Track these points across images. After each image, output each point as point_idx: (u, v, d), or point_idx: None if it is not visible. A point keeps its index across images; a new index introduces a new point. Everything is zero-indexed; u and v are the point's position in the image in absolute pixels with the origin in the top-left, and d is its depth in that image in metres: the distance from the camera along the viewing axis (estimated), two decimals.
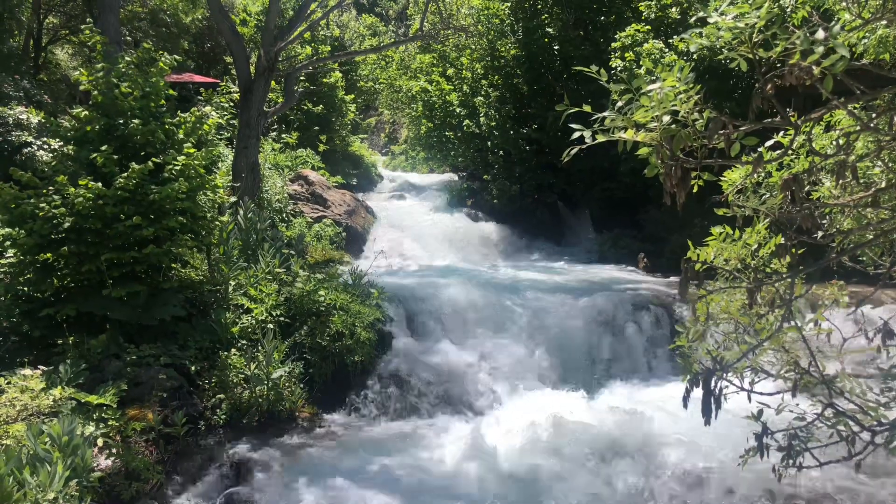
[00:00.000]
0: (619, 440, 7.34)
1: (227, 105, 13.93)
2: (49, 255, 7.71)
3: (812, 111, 3.09)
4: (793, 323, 3.43)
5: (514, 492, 6.66)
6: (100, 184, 7.63)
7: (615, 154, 3.24)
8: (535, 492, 6.62)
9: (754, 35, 2.67)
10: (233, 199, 11.04)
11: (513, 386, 9.55)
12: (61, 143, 9.02)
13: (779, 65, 2.77)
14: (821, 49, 2.37)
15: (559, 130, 18.48)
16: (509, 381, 9.67)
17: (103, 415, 6.40)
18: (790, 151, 3.35)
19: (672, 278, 13.78)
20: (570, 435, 7.45)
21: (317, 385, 8.64)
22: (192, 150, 8.56)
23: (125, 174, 7.65)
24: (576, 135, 2.87)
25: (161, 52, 9.70)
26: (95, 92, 8.41)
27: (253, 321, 8.78)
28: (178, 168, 8.22)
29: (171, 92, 9.12)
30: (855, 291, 4.61)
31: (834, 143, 3.56)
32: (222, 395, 7.74)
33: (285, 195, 14.97)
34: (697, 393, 3.49)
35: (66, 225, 7.51)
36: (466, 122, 20.95)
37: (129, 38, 21.89)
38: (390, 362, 9.43)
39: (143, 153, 8.29)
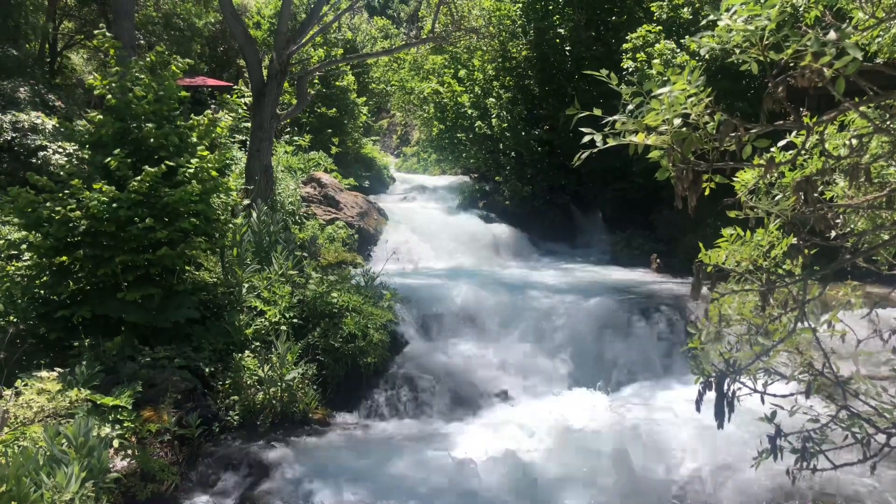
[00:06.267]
0: (632, 443, 7.31)
1: (241, 108, 14.03)
2: (65, 258, 7.79)
3: (825, 111, 3.07)
4: (806, 324, 3.41)
5: (526, 494, 6.65)
6: (114, 187, 7.70)
7: (627, 155, 3.22)
8: (546, 494, 6.61)
9: (765, 37, 2.66)
10: (246, 201, 11.11)
11: (525, 387, 9.55)
12: (76, 147, 9.11)
13: (791, 65, 2.76)
14: (832, 51, 2.36)
15: (571, 131, 18.40)
16: (521, 382, 9.67)
17: (119, 416, 6.45)
18: (803, 152, 3.33)
19: (685, 279, 13.72)
20: (582, 437, 7.44)
21: (330, 386, 8.67)
22: (205, 153, 8.62)
23: (139, 177, 7.71)
24: (587, 138, 2.87)
25: (174, 55, 9.77)
26: (109, 96, 8.48)
27: (266, 323, 8.82)
28: (191, 171, 8.28)
29: (184, 95, 9.19)
30: (870, 292, 4.58)
31: (847, 143, 3.54)
32: (236, 397, 7.79)
33: (298, 197, 15.03)
34: (710, 395, 3.47)
35: (82, 228, 7.59)
36: (478, 123, 20.95)
37: (142, 41, 22.06)
38: (403, 364, 9.44)
39: (156, 156, 8.35)
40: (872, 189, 3.64)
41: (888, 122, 3.22)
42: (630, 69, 16.19)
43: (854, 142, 3.44)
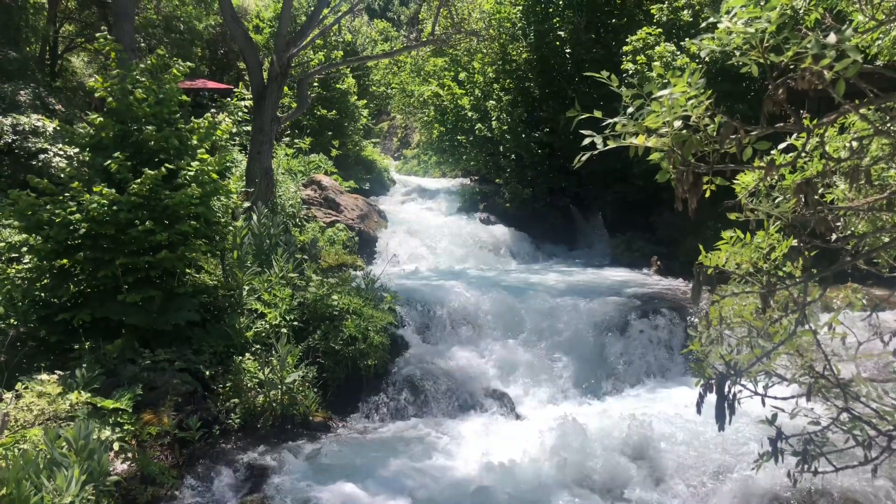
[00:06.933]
0: (632, 446, 7.30)
1: (242, 110, 14.07)
2: (65, 260, 7.79)
3: (825, 114, 3.08)
4: (807, 327, 3.41)
5: (526, 497, 6.64)
6: (114, 190, 7.71)
7: (627, 157, 3.24)
8: (546, 497, 6.60)
9: (765, 39, 2.66)
10: (246, 204, 11.11)
11: (525, 390, 9.55)
12: (77, 150, 9.11)
13: (791, 67, 2.76)
14: (832, 53, 2.36)
15: (571, 134, 18.38)
16: (522, 385, 9.67)
17: (119, 419, 6.45)
18: (803, 154, 3.33)
19: (686, 281, 13.72)
20: (582, 441, 7.43)
21: (330, 389, 8.67)
22: (205, 156, 8.62)
23: (139, 180, 7.72)
24: (587, 141, 2.87)
25: (175, 58, 9.78)
26: (110, 98, 8.49)
27: (267, 326, 8.82)
28: (191, 174, 8.28)
29: (184, 98, 9.19)
30: (871, 295, 4.57)
31: (847, 145, 3.53)
32: (236, 400, 7.78)
33: (298, 200, 15.04)
34: (711, 398, 3.47)
35: (82, 231, 7.59)
36: (478, 125, 20.96)
37: (143, 44, 22.09)
38: (403, 366, 9.44)
39: (156, 159, 8.36)
40: (873, 191, 3.64)
41: (888, 125, 3.22)
42: (630, 71, 16.20)
43: (854, 144, 3.44)
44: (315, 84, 23.36)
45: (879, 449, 3.34)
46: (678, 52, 15.59)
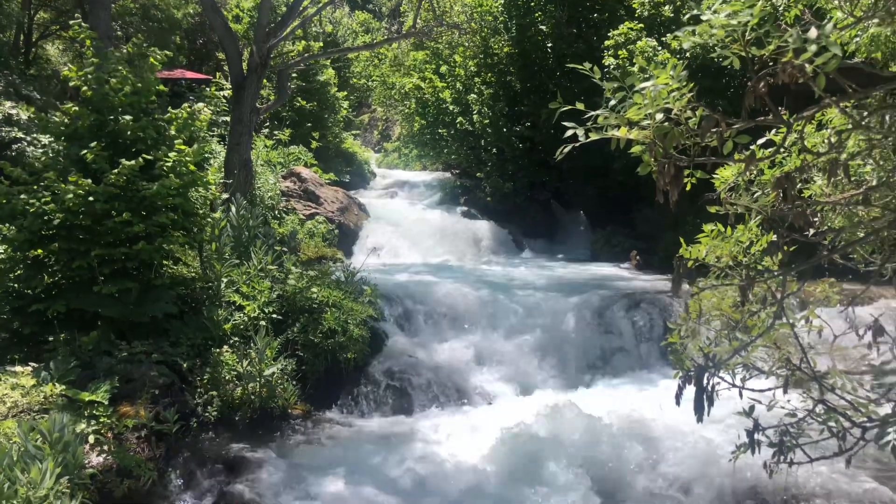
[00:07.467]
0: (612, 438, 7.35)
1: (221, 100, 13.92)
2: (39, 251, 7.67)
3: (805, 109, 3.11)
4: (784, 320, 3.44)
5: (506, 490, 6.66)
6: (90, 180, 7.59)
7: (608, 152, 3.26)
8: (526, 491, 6.63)
9: (747, 33, 2.67)
10: (225, 195, 11.00)
11: (506, 383, 9.57)
12: (51, 139, 8.95)
13: (771, 63, 2.78)
14: (813, 47, 2.38)
15: (552, 128, 18.48)
16: (502, 378, 9.69)
17: (95, 412, 6.36)
18: (782, 149, 3.36)
19: (665, 276, 13.83)
20: (562, 433, 7.47)
21: (310, 382, 8.63)
22: (183, 147, 8.51)
23: (115, 170, 7.60)
24: (569, 133, 2.87)
25: (152, 47, 9.64)
26: (85, 87, 8.34)
27: (245, 318, 8.75)
28: (168, 164, 8.17)
29: (161, 88, 9.07)
30: (846, 289, 4.62)
31: (826, 141, 3.57)
32: (214, 393, 7.72)
33: (278, 192, 14.93)
34: (690, 390, 3.50)
35: (57, 221, 7.46)
36: (459, 119, 20.94)
37: (119, 33, 21.77)
38: (383, 359, 9.42)
39: (133, 149, 8.24)
40: (849, 187, 3.69)
41: (866, 120, 3.26)
42: (612, 66, 16.25)
43: (833, 138, 3.48)
44: (295, 75, 23.18)
45: (853, 440, 3.38)
46: (660, 48, 15.66)
